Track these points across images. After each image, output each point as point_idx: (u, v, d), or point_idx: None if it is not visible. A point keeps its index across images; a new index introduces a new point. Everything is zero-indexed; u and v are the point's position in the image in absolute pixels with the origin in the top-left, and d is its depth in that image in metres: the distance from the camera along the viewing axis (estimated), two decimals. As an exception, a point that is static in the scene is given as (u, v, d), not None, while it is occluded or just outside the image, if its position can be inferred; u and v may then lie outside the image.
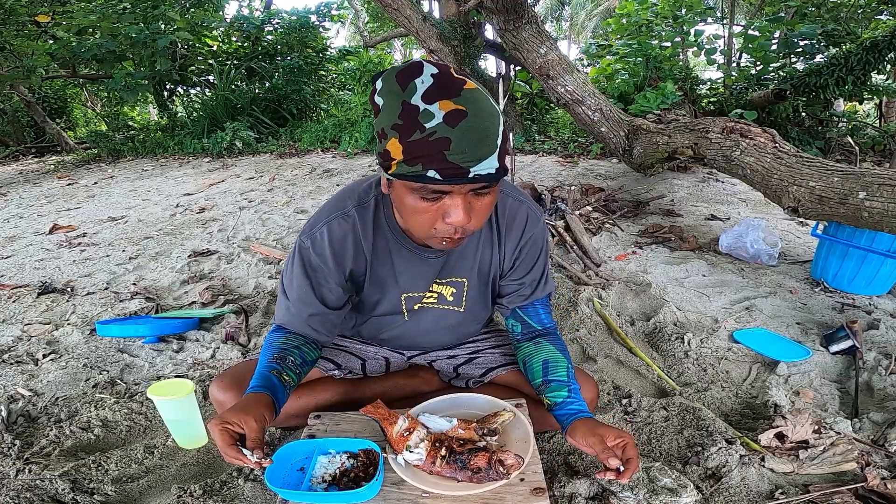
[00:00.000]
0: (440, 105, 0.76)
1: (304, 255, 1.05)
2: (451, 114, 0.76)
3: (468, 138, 0.76)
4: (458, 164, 0.77)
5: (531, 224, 1.10)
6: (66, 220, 3.82)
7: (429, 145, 0.76)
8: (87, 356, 1.78)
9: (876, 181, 1.77)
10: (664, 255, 2.56)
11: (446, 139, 0.76)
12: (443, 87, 0.77)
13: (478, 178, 0.79)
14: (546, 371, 1.09)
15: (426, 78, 0.78)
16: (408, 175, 0.80)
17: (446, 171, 0.77)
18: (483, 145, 0.78)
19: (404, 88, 0.78)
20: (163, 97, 8.26)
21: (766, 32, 5.19)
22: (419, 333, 1.22)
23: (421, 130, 0.76)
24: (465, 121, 0.76)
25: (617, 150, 3.54)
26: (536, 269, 1.15)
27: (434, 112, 0.76)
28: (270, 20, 8.15)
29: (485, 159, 0.78)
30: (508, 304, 1.18)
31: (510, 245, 1.11)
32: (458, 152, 0.76)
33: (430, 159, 0.77)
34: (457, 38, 5.58)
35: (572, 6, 20.01)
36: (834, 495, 1.08)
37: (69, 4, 6.94)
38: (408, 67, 0.80)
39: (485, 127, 0.78)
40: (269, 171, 5.29)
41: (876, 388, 1.49)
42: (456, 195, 0.83)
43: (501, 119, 0.81)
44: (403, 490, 0.95)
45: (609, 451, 0.94)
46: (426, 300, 1.15)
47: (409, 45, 15.74)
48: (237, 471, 1.18)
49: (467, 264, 1.11)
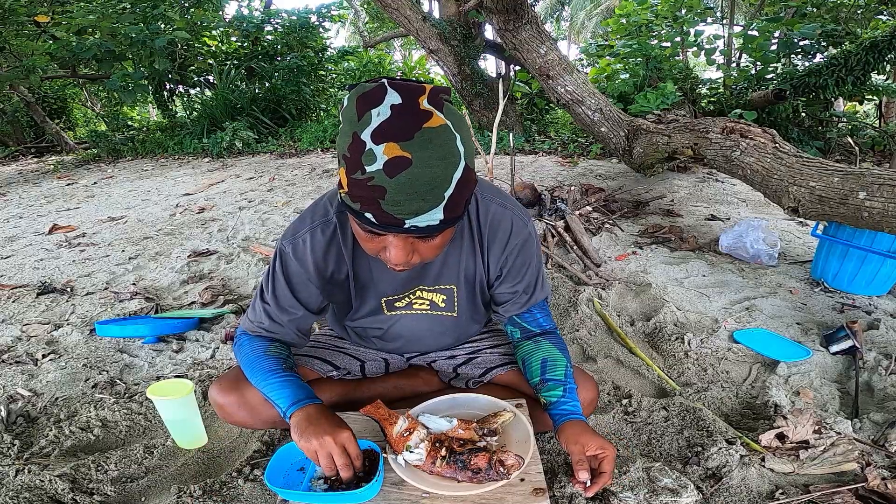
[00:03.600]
0: (385, 148, 0.70)
1: (284, 260, 1.04)
2: (393, 161, 0.70)
3: (405, 191, 0.72)
4: (392, 215, 0.74)
5: (517, 231, 1.05)
6: (66, 221, 3.82)
7: (367, 189, 0.73)
8: (87, 356, 1.77)
9: (876, 181, 1.77)
10: (664, 255, 2.56)
11: (382, 188, 0.72)
12: (396, 125, 0.71)
13: (414, 230, 0.76)
14: (544, 370, 1.09)
15: (384, 109, 0.71)
16: (349, 208, 0.78)
17: (381, 219, 0.75)
18: (422, 199, 0.73)
19: (360, 118, 0.72)
20: (163, 97, 8.25)
21: (766, 32, 5.19)
22: (416, 339, 1.22)
23: (362, 171, 0.72)
24: (406, 172, 0.71)
25: (617, 151, 3.54)
26: (529, 277, 1.11)
27: (377, 155, 0.70)
28: (270, 20, 8.15)
29: (423, 213, 0.74)
30: (504, 313, 1.16)
31: (494, 253, 1.07)
32: (393, 203, 0.73)
33: (367, 203, 0.74)
34: (457, 38, 5.59)
35: (572, 6, 20.02)
36: (834, 495, 1.08)
37: (68, 4, 6.94)
38: (370, 92, 0.73)
39: (429, 178, 0.72)
40: (268, 171, 5.29)
41: (876, 388, 1.49)
42: (396, 242, 0.81)
43: (462, 163, 0.75)
44: (403, 490, 0.95)
45: (584, 463, 0.96)
46: (416, 307, 1.14)
47: (408, 45, 15.74)
48: (237, 471, 1.18)
49: (452, 272, 1.09)
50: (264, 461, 1.21)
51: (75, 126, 10.57)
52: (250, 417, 1.15)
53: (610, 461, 0.96)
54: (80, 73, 8.00)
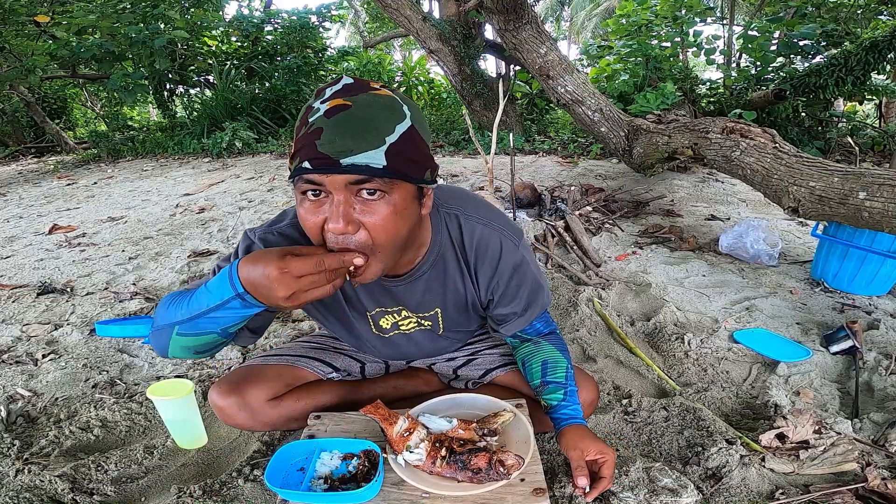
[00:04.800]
0: (330, 102, 0.75)
1: (249, 249, 0.94)
2: (334, 107, 0.74)
3: (341, 128, 0.73)
4: (327, 154, 0.72)
5: (507, 255, 1.00)
6: (66, 221, 3.82)
7: (306, 137, 0.74)
8: (87, 356, 1.77)
9: (876, 181, 1.77)
10: (664, 255, 2.56)
11: (319, 129, 0.73)
12: (343, 90, 0.76)
13: (352, 169, 0.72)
14: (545, 372, 1.09)
15: (336, 86, 0.77)
16: (292, 173, 0.77)
17: (316, 161, 0.73)
18: (359, 138, 0.73)
19: (317, 96, 0.78)
20: (163, 97, 8.25)
21: (766, 33, 5.19)
22: (406, 350, 1.21)
23: (305, 126, 0.75)
24: (345, 112, 0.73)
25: (617, 151, 3.54)
26: (527, 298, 1.07)
27: (320, 108, 0.75)
28: (270, 20, 8.15)
29: (360, 152, 0.72)
30: (506, 332, 1.14)
31: (484, 275, 1.02)
32: (328, 142, 0.72)
33: (304, 150, 0.74)
34: (457, 38, 5.58)
35: (572, 6, 20.02)
36: (834, 495, 1.08)
37: (68, 4, 6.94)
38: (331, 80, 0.80)
39: (366, 118, 0.74)
40: (268, 171, 5.29)
41: (876, 388, 1.49)
42: (337, 195, 0.75)
43: (407, 121, 0.77)
44: (404, 490, 0.95)
45: (583, 469, 0.97)
46: (403, 327, 1.12)
47: (408, 45, 15.74)
48: (237, 471, 1.18)
49: (435, 298, 1.05)
50: (264, 461, 1.21)
51: (75, 126, 10.57)
52: (250, 420, 1.15)
53: (609, 466, 0.97)
54: (80, 73, 8.00)
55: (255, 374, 1.18)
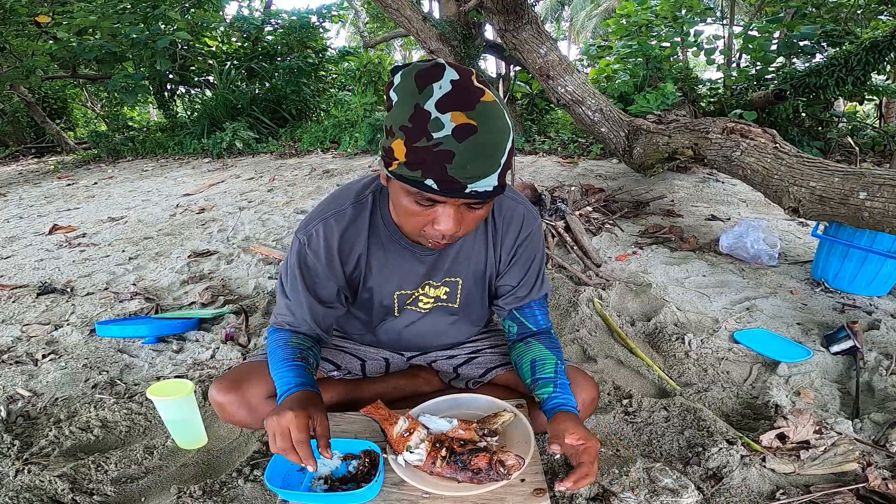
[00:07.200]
0: (452, 116, 0.75)
1: (300, 252, 1.05)
2: (461, 127, 0.75)
3: (472, 155, 0.76)
4: (456, 179, 0.77)
5: (527, 224, 1.11)
6: (66, 221, 3.82)
7: (432, 155, 0.76)
8: (87, 356, 1.77)
9: (876, 181, 1.76)
10: (664, 255, 2.56)
11: (450, 152, 0.75)
12: (459, 97, 0.76)
13: (474, 195, 0.80)
14: (534, 370, 1.10)
15: (444, 84, 0.76)
16: (406, 178, 0.80)
17: (444, 184, 0.78)
18: (486, 164, 0.77)
19: (421, 91, 0.76)
20: (163, 97, 8.26)
21: (766, 33, 5.19)
22: (416, 335, 1.22)
23: (427, 138, 0.75)
24: (474, 137, 0.75)
25: (617, 151, 3.54)
26: (532, 270, 1.15)
27: (444, 122, 0.75)
28: (270, 20, 8.16)
29: (485, 177, 0.78)
30: (505, 306, 1.18)
31: (507, 245, 1.11)
32: (459, 167, 0.76)
33: (430, 168, 0.77)
34: (457, 38, 5.58)
35: (572, 6, 20.03)
36: (835, 496, 1.08)
37: (69, 4, 6.94)
38: (429, 69, 0.78)
39: (492, 144, 0.77)
40: (268, 171, 5.29)
41: (877, 388, 1.49)
42: (449, 206, 0.83)
43: (511, 135, 0.80)
44: (404, 490, 0.95)
45: (559, 439, 0.94)
46: (422, 304, 1.15)
47: (408, 45, 15.74)
48: (237, 471, 1.18)
49: (462, 265, 1.11)
50: (264, 461, 1.21)
51: (75, 126, 10.58)
52: (250, 417, 1.15)
53: (590, 453, 0.93)
54: (80, 74, 8.01)
55: (256, 371, 1.18)
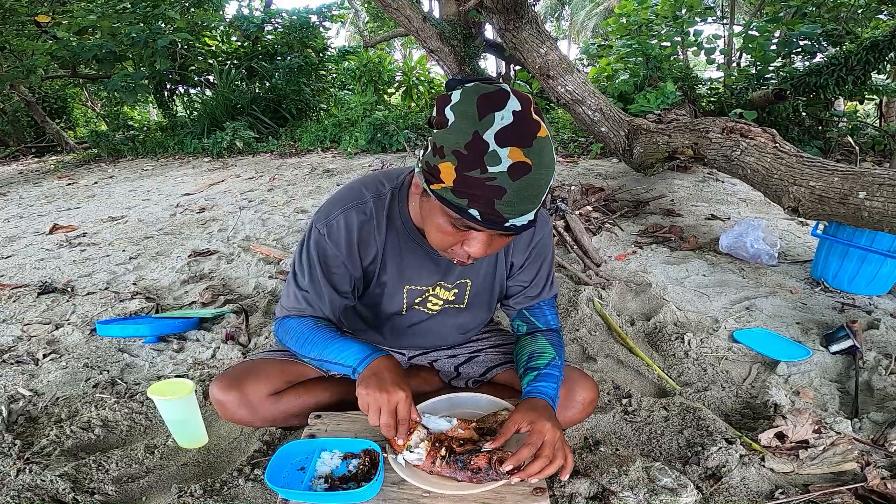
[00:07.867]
0: (510, 152, 0.74)
1: (318, 241, 1.04)
2: (517, 165, 0.75)
3: (522, 195, 0.77)
4: (501, 214, 0.78)
5: (540, 227, 1.12)
6: (66, 220, 3.82)
7: (484, 188, 0.76)
8: (88, 356, 1.77)
9: (876, 181, 1.77)
10: (664, 254, 2.56)
11: (502, 189, 0.76)
12: (518, 131, 0.75)
13: (511, 229, 0.81)
14: (529, 360, 1.10)
15: (507, 114, 0.75)
16: (450, 203, 0.80)
17: (487, 216, 0.79)
18: (531, 202, 0.79)
19: (481, 118, 0.75)
20: (163, 97, 8.26)
21: (766, 32, 5.18)
22: (420, 334, 1.22)
23: (482, 171, 0.75)
24: (526, 177, 0.76)
25: (617, 150, 3.54)
26: (543, 271, 1.16)
27: (502, 157, 0.74)
28: (270, 20, 8.15)
29: (526, 214, 0.80)
30: (515, 306, 1.19)
31: (520, 248, 1.13)
32: (507, 205, 0.77)
33: (477, 200, 0.77)
34: (457, 38, 5.58)
35: (572, 6, 20.02)
36: (834, 495, 1.08)
37: (69, 4, 6.94)
38: (493, 94, 0.76)
39: (540, 184, 0.78)
40: (268, 170, 5.29)
41: (876, 387, 1.49)
42: (484, 236, 0.85)
43: (555, 171, 0.81)
44: (404, 490, 0.96)
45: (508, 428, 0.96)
46: (430, 305, 1.15)
47: (409, 44, 15.74)
48: (237, 470, 1.19)
49: (475, 268, 1.12)
50: (265, 461, 1.21)
51: (76, 126, 10.57)
52: (250, 415, 1.16)
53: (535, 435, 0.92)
54: (80, 73, 8.00)
55: (256, 369, 1.19)
